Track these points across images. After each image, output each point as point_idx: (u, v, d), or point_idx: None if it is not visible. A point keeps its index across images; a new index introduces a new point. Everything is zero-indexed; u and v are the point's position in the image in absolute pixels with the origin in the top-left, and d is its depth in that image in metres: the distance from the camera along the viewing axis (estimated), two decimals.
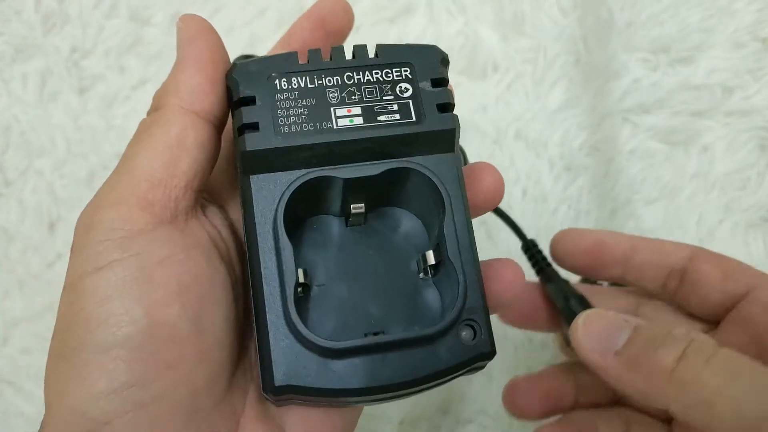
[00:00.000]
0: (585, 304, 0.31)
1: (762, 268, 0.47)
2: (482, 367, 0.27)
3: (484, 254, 0.28)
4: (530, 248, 0.36)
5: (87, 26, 0.53)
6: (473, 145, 0.51)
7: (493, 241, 0.48)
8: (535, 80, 0.53)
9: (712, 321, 0.32)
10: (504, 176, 0.50)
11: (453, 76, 0.53)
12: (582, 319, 0.27)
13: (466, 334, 0.25)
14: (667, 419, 0.33)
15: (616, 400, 0.34)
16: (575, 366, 0.35)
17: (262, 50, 0.53)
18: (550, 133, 0.51)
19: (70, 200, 0.49)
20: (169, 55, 0.53)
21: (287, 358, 0.24)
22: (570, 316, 0.29)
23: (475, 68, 0.53)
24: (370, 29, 0.54)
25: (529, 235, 0.37)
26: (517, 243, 0.38)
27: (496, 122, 0.52)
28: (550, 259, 0.36)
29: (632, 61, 0.52)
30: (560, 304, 0.32)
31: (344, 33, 0.30)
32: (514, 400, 0.35)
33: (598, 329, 0.27)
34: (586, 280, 0.42)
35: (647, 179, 0.50)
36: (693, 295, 0.32)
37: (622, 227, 0.49)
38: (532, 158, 0.51)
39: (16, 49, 0.52)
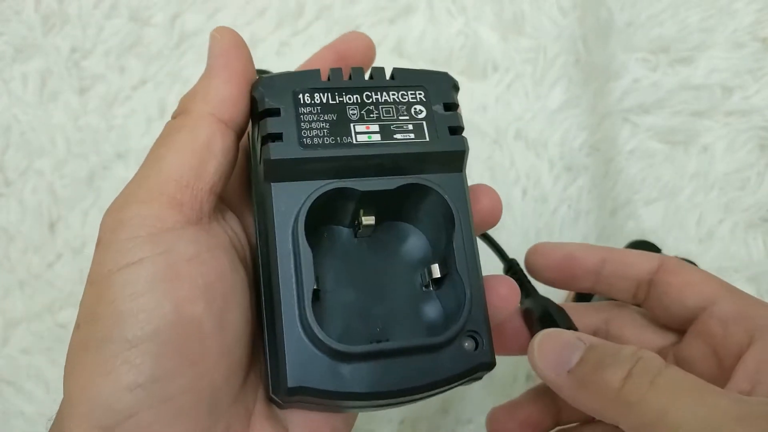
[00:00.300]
0: (566, 319, 0.32)
1: (762, 268, 0.48)
2: (481, 377, 0.28)
3: (485, 255, 0.28)
4: (513, 267, 0.36)
5: (87, 26, 0.53)
6: (473, 145, 0.51)
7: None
8: (535, 80, 0.53)
9: (679, 331, 0.33)
10: (504, 176, 0.51)
11: (453, 75, 0.53)
12: (538, 339, 0.28)
13: (468, 344, 0.27)
14: None
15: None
16: None
17: (262, 50, 0.53)
18: (550, 133, 0.51)
19: (70, 200, 0.49)
20: (170, 56, 0.53)
21: (300, 360, 0.25)
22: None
23: (475, 68, 0.53)
24: (370, 29, 0.54)
25: (529, 235, 0.37)
26: (517, 244, 0.38)
27: (496, 122, 0.52)
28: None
29: (632, 61, 0.52)
30: (540, 320, 0.32)
31: (366, 68, 0.31)
32: (496, 430, 0.36)
33: (552, 348, 0.27)
34: (580, 296, 0.43)
35: (647, 179, 0.50)
36: (657, 307, 0.33)
37: (622, 227, 0.49)
38: (532, 158, 0.51)
39: (16, 49, 0.52)
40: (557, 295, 0.44)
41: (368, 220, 0.28)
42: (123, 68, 0.52)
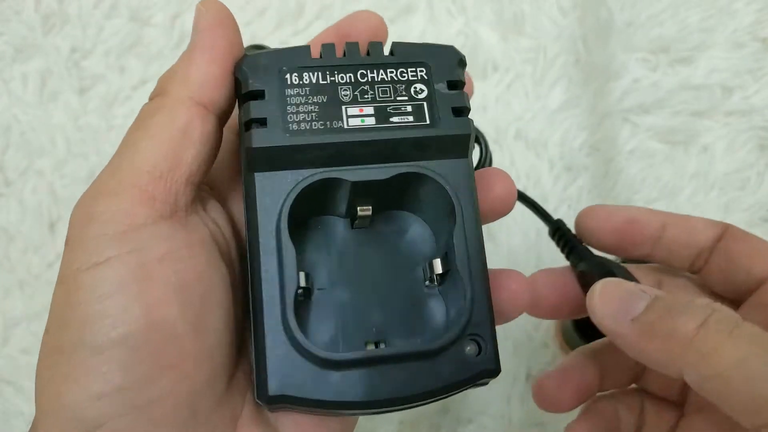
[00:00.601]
0: (631, 277, 0.30)
1: None
2: (486, 383, 0.26)
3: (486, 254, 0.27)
4: (560, 228, 0.35)
5: (87, 26, 0.53)
6: None
7: (494, 243, 0.48)
8: (535, 80, 0.53)
9: (735, 301, 0.31)
10: None
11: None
12: (600, 286, 0.26)
13: (470, 349, 0.25)
14: (679, 401, 0.32)
15: (635, 379, 0.34)
16: (598, 351, 0.34)
17: None
18: (550, 133, 0.51)
19: (70, 200, 0.49)
20: (170, 56, 0.53)
21: (283, 366, 0.23)
22: None
23: (475, 68, 0.53)
24: None
25: (529, 235, 0.37)
26: (517, 245, 0.38)
27: (496, 122, 0.52)
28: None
29: (632, 61, 0.52)
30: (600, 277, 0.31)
31: None
32: (546, 398, 0.34)
33: (615, 296, 0.26)
34: None
35: (647, 179, 0.50)
36: (718, 275, 0.31)
37: None
38: (532, 158, 0.51)
39: (16, 49, 0.52)
40: None
41: (364, 210, 0.26)
42: (123, 68, 0.52)
